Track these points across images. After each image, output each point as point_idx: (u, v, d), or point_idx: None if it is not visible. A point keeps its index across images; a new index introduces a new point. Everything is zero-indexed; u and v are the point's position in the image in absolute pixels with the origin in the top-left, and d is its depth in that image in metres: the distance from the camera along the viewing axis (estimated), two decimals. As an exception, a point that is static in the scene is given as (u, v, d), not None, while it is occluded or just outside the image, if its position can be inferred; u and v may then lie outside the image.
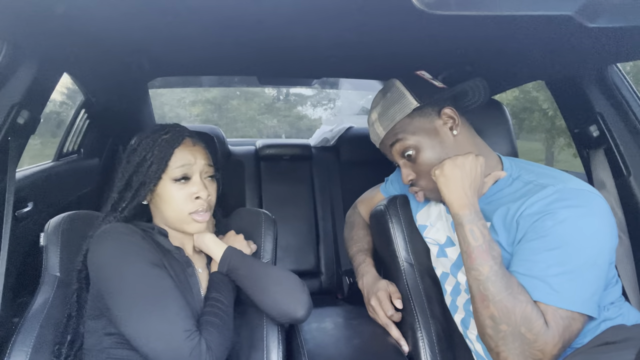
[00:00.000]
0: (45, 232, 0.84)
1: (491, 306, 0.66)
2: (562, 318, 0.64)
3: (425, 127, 0.81)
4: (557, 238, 0.68)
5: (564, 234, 0.67)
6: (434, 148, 0.81)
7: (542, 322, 0.64)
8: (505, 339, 0.64)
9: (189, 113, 9.98)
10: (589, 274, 0.66)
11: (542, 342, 0.63)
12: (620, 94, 0.97)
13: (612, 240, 0.70)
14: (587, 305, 0.65)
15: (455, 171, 0.74)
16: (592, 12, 0.61)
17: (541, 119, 6.44)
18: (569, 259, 0.66)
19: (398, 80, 0.86)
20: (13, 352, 0.73)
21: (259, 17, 0.74)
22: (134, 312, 0.65)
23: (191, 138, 0.81)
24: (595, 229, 0.68)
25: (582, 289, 0.66)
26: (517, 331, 0.64)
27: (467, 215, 0.72)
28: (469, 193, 0.73)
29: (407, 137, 0.82)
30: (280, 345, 0.85)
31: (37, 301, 0.79)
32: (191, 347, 0.64)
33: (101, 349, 0.70)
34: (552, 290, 0.65)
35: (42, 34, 0.81)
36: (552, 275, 0.66)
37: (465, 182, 0.74)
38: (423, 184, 0.83)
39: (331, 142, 2.10)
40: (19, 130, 0.87)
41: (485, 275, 0.67)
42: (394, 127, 0.83)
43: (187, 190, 0.77)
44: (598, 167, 1.00)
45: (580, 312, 0.65)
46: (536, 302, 0.66)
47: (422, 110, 0.82)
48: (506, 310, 0.65)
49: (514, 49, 0.90)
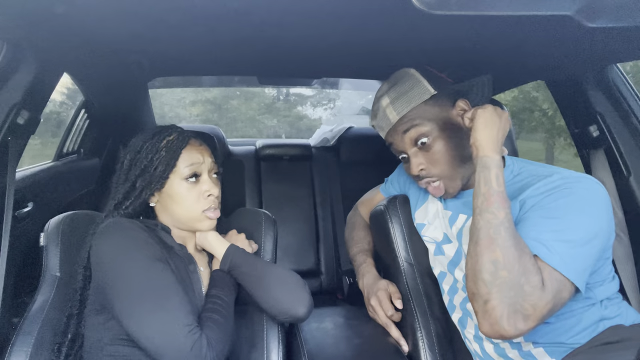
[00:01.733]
0: (45, 232, 0.84)
1: (498, 250, 0.64)
2: (557, 280, 0.64)
3: (441, 116, 0.82)
4: (558, 209, 0.68)
5: (566, 206, 0.68)
6: (449, 137, 0.81)
7: (539, 278, 0.63)
8: (501, 286, 0.63)
9: (189, 113, 9.98)
10: (584, 249, 0.66)
11: (537, 297, 0.62)
12: (620, 94, 0.97)
13: (609, 227, 0.70)
14: (579, 278, 0.65)
15: (494, 117, 0.75)
16: (592, 12, 0.61)
17: (541, 119, 6.44)
18: (569, 229, 0.67)
19: (412, 69, 0.86)
20: (13, 352, 0.73)
21: (259, 17, 0.74)
22: (136, 306, 0.65)
23: (196, 138, 0.82)
24: (595, 210, 0.69)
25: (577, 260, 0.65)
26: (516, 280, 0.62)
27: (496, 160, 0.71)
28: (500, 142, 0.74)
29: (424, 123, 0.81)
30: (280, 345, 0.85)
31: (37, 301, 0.79)
32: (192, 342, 0.64)
33: (101, 345, 0.70)
34: (551, 252, 0.65)
35: (42, 34, 0.80)
36: (551, 240, 0.66)
37: (499, 130, 0.74)
38: (437, 172, 0.82)
39: (331, 142, 2.10)
40: (19, 130, 0.87)
41: (500, 220, 0.67)
42: (408, 113, 0.82)
43: (198, 189, 0.78)
44: (598, 167, 1.00)
45: (572, 280, 0.64)
46: (535, 257, 0.66)
47: (437, 99, 0.82)
48: (512, 257, 0.64)
49: (514, 49, 0.90)
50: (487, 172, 0.71)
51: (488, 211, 0.68)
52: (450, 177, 0.82)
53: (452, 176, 0.81)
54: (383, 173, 1.17)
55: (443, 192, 0.84)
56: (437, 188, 0.83)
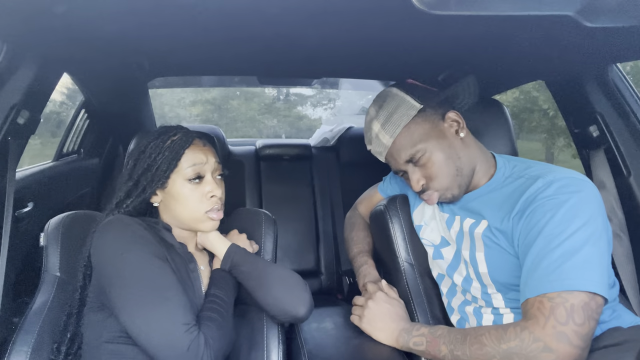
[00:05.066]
0: (45, 232, 0.84)
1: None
2: (541, 302, 0.65)
3: (432, 132, 0.81)
4: (558, 228, 0.68)
5: (562, 220, 0.68)
6: (443, 150, 0.80)
7: (512, 327, 0.67)
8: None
9: (189, 113, 9.97)
10: (585, 253, 0.65)
11: (527, 333, 0.64)
12: (620, 94, 0.97)
13: (604, 225, 0.69)
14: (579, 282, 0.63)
15: (378, 310, 0.90)
16: (592, 12, 0.61)
17: (541, 120, 6.44)
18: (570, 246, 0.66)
19: (394, 87, 0.85)
20: (13, 352, 0.73)
21: (259, 17, 0.74)
22: (134, 303, 0.65)
23: (200, 139, 0.82)
24: (588, 214, 0.68)
25: (568, 268, 0.64)
26: (506, 352, 0.66)
27: (401, 339, 0.83)
28: (392, 324, 0.87)
29: (417, 142, 0.80)
30: (280, 345, 0.85)
31: (37, 301, 0.79)
32: (189, 340, 0.64)
33: (99, 343, 0.70)
34: (534, 283, 0.66)
35: (42, 34, 0.80)
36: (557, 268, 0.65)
37: (385, 318, 0.88)
38: (437, 185, 0.82)
39: (331, 142, 2.10)
40: (19, 130, 0.87)
41: (445, 354, 0.74)
42: (400, 134, 0.81)
43: (201, 190, 0.78)
44: (598, 167, 1.00)
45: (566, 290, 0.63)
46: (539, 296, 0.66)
47: (425, 114, 0.81)
48: (483, 356, 0.68)
49: (514, 49, 0.90)
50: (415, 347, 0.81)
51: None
52: (449, 188, 0.82)
53: (450, 187, 0.82)
54: (383, 173, 1.16)
55: (436, 202, 0.84)
56: (431, 198, 0.83)
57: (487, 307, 0.81)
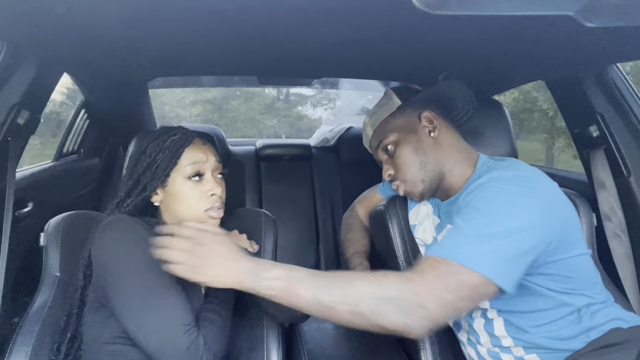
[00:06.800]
0: (45, 232, 0.84)
1: (338, 308, 0.62)
2: (439, 263, 0.63)
3: (404, 126, 0.87)
4: (475, 208, 0.68)
5: (482, 203, 0.68)
6: (411, 144, 0.85)
7: (395, 276, 0.63)
8: (375, 311, 0.61)
9: (189, 113, 9.97)
10: (501, 242, 0.64)
11: (410, 285, 0.61)
12: (620, 94, 0.97)
13: (546, 222, 0.66)
14: (487, 269, 0.62)
15: (201, 255, 0.65)
16: (592, 12, 0.61)
17: (541, 120, 6.44)
18: (484, 224, 0.66)
19: (391, 88, 0.93)
20: (13, 352, 0.73)
21: (259, 17, 0.75)
22: (134, 304, 0.66)
23: (200, 138, 0.82)
24: (522, 204, 0.66)
25: (489, 253, 0.63)
26: (380, 297, 0.61)
27: (247, 282, 0.64)
28: (231, 264, 0.65)
29: (389, 134, 0.87)
30: (280, 345, 0.85)
31: (37, 301, 0.79)
32: (189, 341, 0.64)
33: (99, 343, 0.70)
34: (441, 246, 0.66)
35: (42, 34, 0.81)
36: (462, 241, 0.66)
37: (219, 259, 0.65)
38: (402, 176, 0.87)
39: (331, 142, 2.10)
40: (19, 130, 0.87)
41: (305, 299, 0.63)
42: (379, 126, 0.90)
43: (201, 188, 0.78)
44: (598, 167, 1.00)
45: (478, 271, 0.62)
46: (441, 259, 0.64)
47: (403, 110, 0.88)
48: (352, 296, 0.62)
49: (514, 49, 0.90)
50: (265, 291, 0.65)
51: (304, 305, 0.64)
52: (412, 181, 0.86)
53: (414, 180, 0.85)
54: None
55: (402, 193, 0.89)
56: (399, 188, 0.89)
57: (477, 311, 0.80)
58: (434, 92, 0.89)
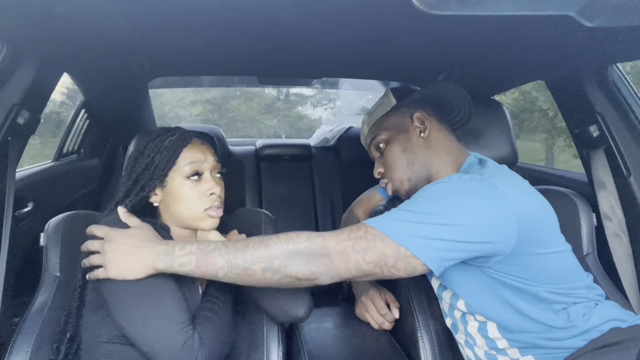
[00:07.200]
0: (45, 232, 0.84)
1: (253, 267, 0.66)
2: (359, 227, 0.67)
3: (397, 125, 0.88)
4: (415, 198, 0.71)
5: (422, 194, 0.71)
6: (400, 143, 0.86)
7: (308, 233, 0.67)
8: (286, 264, 0.65)
9: (189, 113, 9.98)
10: (434, 226, 0.65)
11: (320, 239, 0.66)
12: (620, 94, 0.97)
13: (491, 224, 0.66)
14: (403, 239, 0.64)
15: (114, 251, 0.68)
16: (592, 12, 0.61)
17: (541, 120, 6.44)
18: (412, 207, 0.69)
19: (390, 88, 0.95)
20: (13, 352, 0.73)
21: (259, 18, 0.74)
22: (129, 303, 0.66)
23: (198, 138, 0.82)
24: (466, 202, 0.67)
25: (402, 223, 0.66)
26: (291, 251, 0.65)
27: (161, 263, 0.66)
28: (139, 251, 0.67)
29: (381, 132, 0.89)
30: (280, 345, 0.85)
31: (37, 301, 0.79)
32: (184, 339, 0.64)
33: (98, 343, 0.70)
34: (377, 219, 0.68)
35: (42, 34, 0.81)
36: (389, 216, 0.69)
37: (130, 249, 0.68)
38: (390, 174, 0.88)
39: (331, 142, 2.10)
40: (19, 130, 0.87)
41: (220, 266, 0.66)
42: (374, 124, 0.92)
43: (200, 188, 0.78)
44: (598, 167, 1.00)
45: (382, 232, 0.65)
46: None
47: (398, 110, 0.89)
48: (265, 254, 0.66)
49: (514, 49, 0.90)
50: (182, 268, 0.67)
51: (215, 274, 0.67)
52: (398, 179, 0.87)
53: (401, 179, 0.86)
54: (383, 173, 1.16)
55: (391, 192, 0.90)
56: (387, 186, 0.90)
57: (469, 314, 0.80)
58: (431, 93, 0.89)
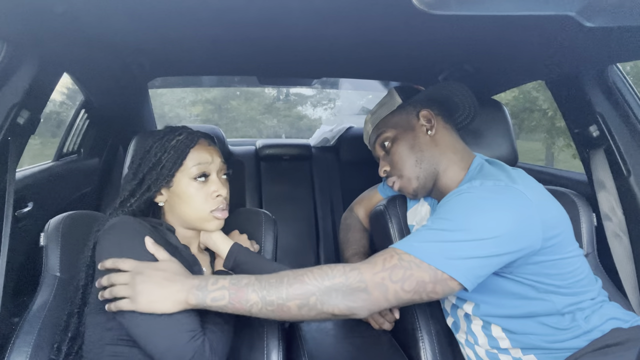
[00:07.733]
0: (45, 232, 0.84)
1: (288, 304, 0.64)
2: (392, 255, 0.65)
3: (403, 123, 0.88)
4: (444, 212, 0.70)
5: (452, 208, 0.70)
6: (407, 141, 0.86)
7: (342, 267, 0.66)
8: (322, 301, 0.63)
9: (189, 113, 9.98)
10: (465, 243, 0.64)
11: (356, 273, 0.64)
12: (620, 94, 0.97)
13: (520, 232, 0.66)
14: (440, 262, 0.63)
15: (144, 285, 0.65)
16: (592, 12, 0.61)
17: (541, 120, 6.45)
18: (447, 227, 0.67)
19: (393, 87, 0.94)
20: (13, 352, 0.73)
21: (259, 18, 0.75)
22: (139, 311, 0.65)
23: (205, 139, 0.82)
24: (493, 212, 0.67)
25: (435, 245, 0.65)
26: (326, 287, 0.64)
27: (194, 298, 0.65)
28: (171, 285, 0.65)
29: (387, 130, 0.89)
30: (280, 345, 0.85)
31: (37, 301, 0.79)
32: (194, 348, 0.63)
33: (101, 345, 0.70)
34: (402, 240, 0.68)
35: (43, 34, 0.81)
36: (422, 237, 0.67)
37: (161, 283, 0.65)
38: (397, 172, 0.88)
39: (331, 142, 2.10)
40: (19, 130, 0.87)
41: (254, 302, 0.65)
42: (379, 123, 0.91)
43: (206, 189, 0.78)
44: (598, 167, 1.00)
45: (418, 257, 0.64)
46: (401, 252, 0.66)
47: (403, 109, 0.89)
48: (300, 290, 0.64)
49: (514, 49, 0.90)
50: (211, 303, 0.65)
51: (250, 311, 0.66)
52: (407, 177, 0.86)
53: (409, 176, 0.86)
54: (383, 173, 1.16)
55: (398, 188, 0.89)
56: (394, 184, 0.89)
57: (475, 315, 0.80)
58: (436, 92, 0.89)
